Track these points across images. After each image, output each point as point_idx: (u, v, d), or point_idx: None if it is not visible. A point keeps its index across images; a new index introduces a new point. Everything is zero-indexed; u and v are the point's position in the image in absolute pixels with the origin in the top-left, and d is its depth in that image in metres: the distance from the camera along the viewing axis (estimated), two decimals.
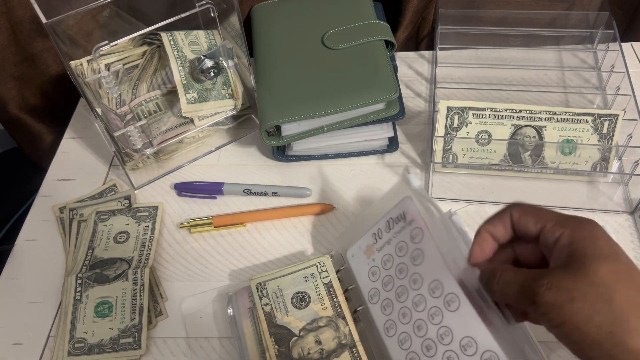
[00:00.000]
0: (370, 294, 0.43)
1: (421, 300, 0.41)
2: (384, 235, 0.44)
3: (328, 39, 0.62)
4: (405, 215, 0.44)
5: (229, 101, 0.63)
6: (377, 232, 0.45)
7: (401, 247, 0.43)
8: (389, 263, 0.43)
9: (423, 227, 0.42)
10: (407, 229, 0.43)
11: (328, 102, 0.56)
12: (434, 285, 0.40)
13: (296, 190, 0.59)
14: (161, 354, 0.49)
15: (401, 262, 0.43)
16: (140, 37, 0.60)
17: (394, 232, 0.44)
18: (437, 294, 0.40)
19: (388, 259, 0.44)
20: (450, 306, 0.39)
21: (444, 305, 0.39)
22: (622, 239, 0.53)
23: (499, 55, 0.71)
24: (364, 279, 0.44)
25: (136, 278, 0.52)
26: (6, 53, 0.67)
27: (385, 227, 0.44)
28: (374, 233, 0.45)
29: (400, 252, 0.43)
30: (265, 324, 0.46)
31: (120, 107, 0.57)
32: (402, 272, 0.42)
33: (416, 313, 0.41)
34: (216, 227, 0.57)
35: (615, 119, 0.55)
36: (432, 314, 0.40)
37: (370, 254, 0.45)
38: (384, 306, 0.42)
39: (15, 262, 0.56)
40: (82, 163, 0.65)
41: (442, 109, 0.57)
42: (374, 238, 0.45)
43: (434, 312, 0.40)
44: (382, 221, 0.45)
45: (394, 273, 0.43)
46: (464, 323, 0.38)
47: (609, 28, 0.66)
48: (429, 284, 0.40)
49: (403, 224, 0.44)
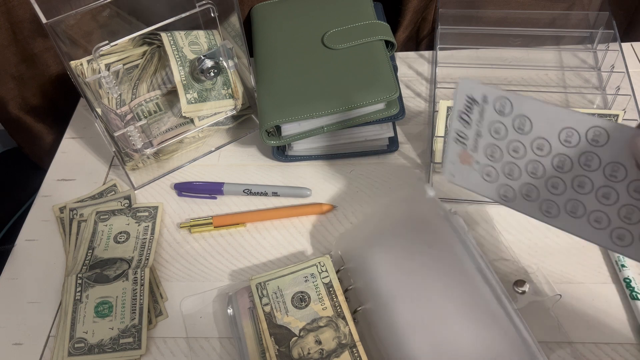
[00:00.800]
0: (501, 193, 0.38)
1: (563, 160, 0.35)
2: (468, 133, 0.39)
3: (328, 39, 0.62)
4: (473, 98, 0.38)
5: (229, 101, 0.63)
6: (458, 135, 0.39)
7: (497, 129, 0.38)
8: (496, 153, 0.38)
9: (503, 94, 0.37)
10: (489, 109, 0.38)
11: (328, 102, 0.56)
12: (564, 136, 0.35)
13: (296, 190, 0.59)
14: (161, 354, 0.49)
15: (509, 142, 0.37)
16: (140, 37, 0.60)
17: (475, 122, 0.39)
18: (574, 141, 0.35)
19: (493, 149, 0.38)
20: (598, 142, 0.34)
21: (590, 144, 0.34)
22: None
23: (499, 55, 0.71)
24: (483, 185, 0.39)
25: (136, 278, 0.52)
26: (6, 53, 0.67)
27: (463, 126, 0.39)
28: (455, 139, 0.39)
29: (499, 134, 0.38)
30: (265, 324, 0.46)
31: (120, 107, 0.57)
32: (518, 150, 0.37)
33: (566, 174, 0.35)
34: (216, 227, 0.57)
35: (615, 119, 0.55)
36: (585, 162, 0.35)
37: (469, 158, 0.39)
38: (525, 194, 0.37)
39: (15, 262, 0.57)
40: (82, 163, 0.65)
41: (442, 109, 0.57)
42: (460, 144, 0.39)
43: (586, 159, 0.35)
44: (453, 125, 0.40)
45: (510, 158, 0.38)
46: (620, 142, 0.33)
47: (609, 28, 0.66)
48: (559, 139, 0.35)
49: (478, 107, 0.38)
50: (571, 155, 0.35)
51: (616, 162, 0.34)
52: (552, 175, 0.36)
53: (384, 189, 0.59)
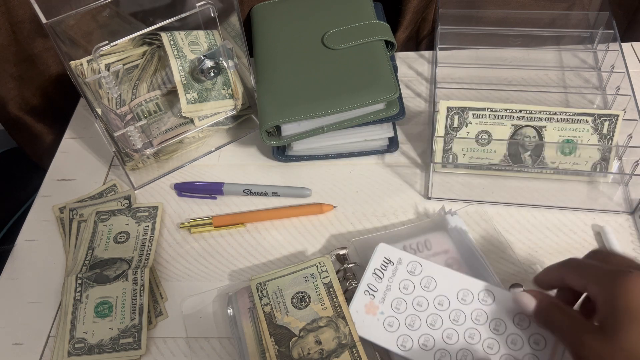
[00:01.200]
0: (399, 343, 0.43)
1: (458, 314, 0.43)
2: (378, 287, 0.46)
3: (328, 39, 0.62)
4: (389, 259, 0.47)
5: (229, 101, 0.63)
6: (368, 288, 0.46)
7: (405, 285, 0.46)
8: (401, 306, 0.45)
9: (415, 259, 0.46)
10: (401, 269, 0.46)
11: (328, 102, 0.56)
12: (462, 295, 0.44)
13: (296, 190, 0.59)
14: (161, 354, 0.49)
15: (415, 297, 0.45)
16: (140, 37, 0.60)
17: (387, 278, 0.46)
18: (469, 299, 0.43)
19: (398, 302, 0.45)
20: (487, 302, 0.43)
21: (481, 305, 0.43)
22: (622, 239, 0.53)
23: (499, 55, 0.71)
24: (383, 335, 0.44)
25: (136, 278, 0.52)
26: (6, 53, 0.67)
27: (375, 280, 0.46)
28: (365, 291, 0.46)
29: (407, 290, 0.45)
30: (265, 324, 0.46)
31: (120, 107, 0.57)
32: (421, 305, 0.44)
33: (461, 327, 0.43)
34: (216, 227, 0.57)
35: (615, 119, 0.55)
36: (476, 317, 0.43)
37: (374, 309, 0.45)
38: (423, 344, 0.43)
39: (15, 262, 0.57)
40: (82, 163, 0.65)
41: (442, 109, 0.57)
42: (368, 295, 0.46)
43: (477, 315, 0.43)
44: (365, 279, 0.47)
45: (414, 310, 0.44)
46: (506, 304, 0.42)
47: (609, 28, 0.66)
48: (457, 297, 0.44)
49: (392, 266, 0.47)
50: (465, 311, 0.43)
51: (499, 318, 0.43)
52: (448, 327, 0.43)
53: (384, 189, 0.59)
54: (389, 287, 0.46)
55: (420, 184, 0.59)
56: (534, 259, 0.52)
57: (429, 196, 0.58)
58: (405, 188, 0.59)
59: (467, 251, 0.50)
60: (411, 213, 0.56)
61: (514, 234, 0.54)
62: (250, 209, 0.58)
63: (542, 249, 0.52)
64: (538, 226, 0.54)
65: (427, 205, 0.57)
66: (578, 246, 0.53)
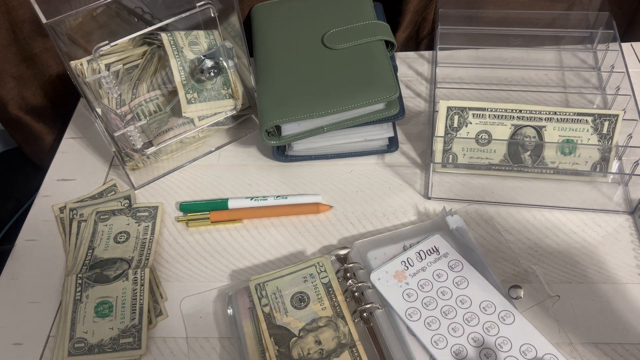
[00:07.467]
0: (408, 312, 0.46)
1: (472, 316, 0.46)
2: (416, 264, 0.50)
3: (328, 39, 0.62)
4: (438, 249, 0.50)
5: (229, 101, 0.63)
6: (407, 260, 0.50)
7: (439, 274, 0.49)
8: (427, 286, 0.48)
9: (461, 260, 0.49)
10: (443, 261, 0.50)
11: (328, 102, 0.56)
12: (485, 305, 0.46)
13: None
14: (161, 354, 0.49)
15: (442, 286, 0.48)
16: (140, 37, 0.60)
17: (428, 262, 0.50)
18: (490, 311, 0.46)
19: (425, 283, 0.48)
20: (505, 320, 0.45)
21: (498, 320, 0.45)
22: (622, 239, 0.53)
23: (499, 55, 0.71)
24: (397, 299, 0.47)
25: (136, 278, 0.52)
26: (6, 53, 0.67)
27: (416, 257, 0.50)
28: (402, 261, 0.50)
29: (440, 278, 0.49)
30: (265, 324, 0.46)
31: (120, 107, 0.57)
32: (445, 294, 0.47)
33: (469, 327, 0.45)
34: (213, 223, 0.57)
35: (615, 119, 0.55)
36: (488, 327, 0.45)
37: (402, 278, 0.49)
38: (429, 322, 0.46)
39: (15, 262, 0.57)
40: (82, 163, 0.65)
41: (442, 109, 0.57)
42: (403, 265, 0.50)
43: (489, 325, 0.45)
44: (411, 252, 0.50)
45: (436, 295, 0.47)
46: (522, 333, 0.45)
47: (609, 28, 0.66)
48: (479, 304, 0.46)
49: (437, 256, 0.50)
50: (481, 318, 0.46)
51: (507, 338, 0.45)
52: (458, 322, 0.46)
53: (384, 189, 0.59)
54: (424, 268, 0.49)
55: (420, 184, 0.59)
56: (534, 259, 0.52)
57: (429, 196, 0.58)
58: (405, 188, 0.59)
59: (467, 251, 0.50)
60: (411, 213, 0.56)
61: (514, 234, 0.54)
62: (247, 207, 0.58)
63: (542, 249, 0.52)
64: (538, 226, 0.54)
65: (427, 205, 0.57)
66: (578, 246, 0.53)
